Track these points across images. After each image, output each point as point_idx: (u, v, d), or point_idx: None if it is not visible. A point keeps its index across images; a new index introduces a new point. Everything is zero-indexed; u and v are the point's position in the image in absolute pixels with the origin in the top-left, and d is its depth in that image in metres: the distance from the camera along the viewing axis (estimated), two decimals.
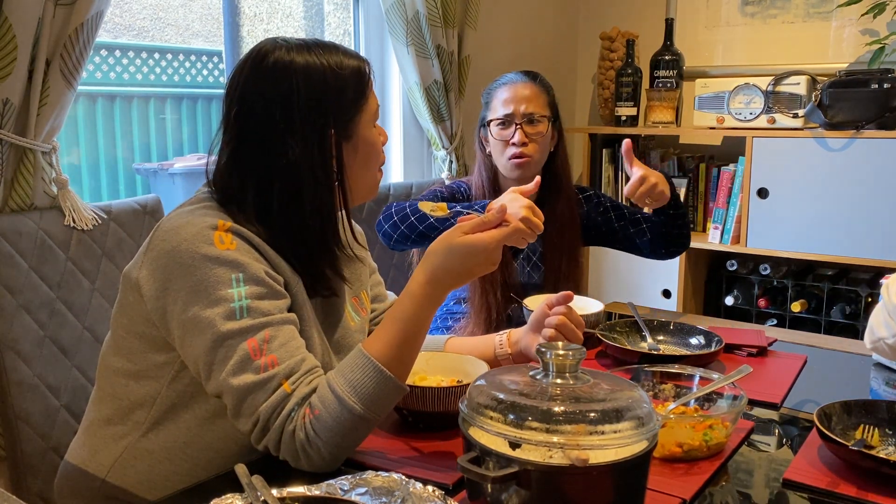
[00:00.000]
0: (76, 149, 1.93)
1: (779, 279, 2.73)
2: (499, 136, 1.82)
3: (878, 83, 2.36)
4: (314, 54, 1.09)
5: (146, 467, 1.11)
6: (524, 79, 1.85)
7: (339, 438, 0.96)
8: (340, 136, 1.11)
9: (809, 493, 0.96)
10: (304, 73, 1.08)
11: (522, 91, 1.82)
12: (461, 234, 1.03)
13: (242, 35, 2.16)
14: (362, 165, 1.15)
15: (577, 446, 0.79)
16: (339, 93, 1.10)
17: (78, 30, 1.42)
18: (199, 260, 1.00)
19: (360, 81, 1.13)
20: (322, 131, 1.09)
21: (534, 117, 1.81)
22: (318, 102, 1.08)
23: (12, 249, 1.36)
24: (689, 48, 3.01)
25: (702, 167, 2.89)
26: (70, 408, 1.43)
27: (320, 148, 1.09)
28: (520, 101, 1.81)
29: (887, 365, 1.46)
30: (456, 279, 1.03)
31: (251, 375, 0.98)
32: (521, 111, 1.80)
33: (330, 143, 1.09)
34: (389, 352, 1.00)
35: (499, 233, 1.03)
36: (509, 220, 1.05)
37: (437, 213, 1.18)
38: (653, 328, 1.55)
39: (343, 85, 1.10)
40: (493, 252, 1.03)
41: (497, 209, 1.05)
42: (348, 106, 1.11)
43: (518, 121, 1.80)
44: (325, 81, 1.09)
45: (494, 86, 1.88)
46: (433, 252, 1.03)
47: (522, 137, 1.79)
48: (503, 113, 1.81)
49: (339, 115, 1.10)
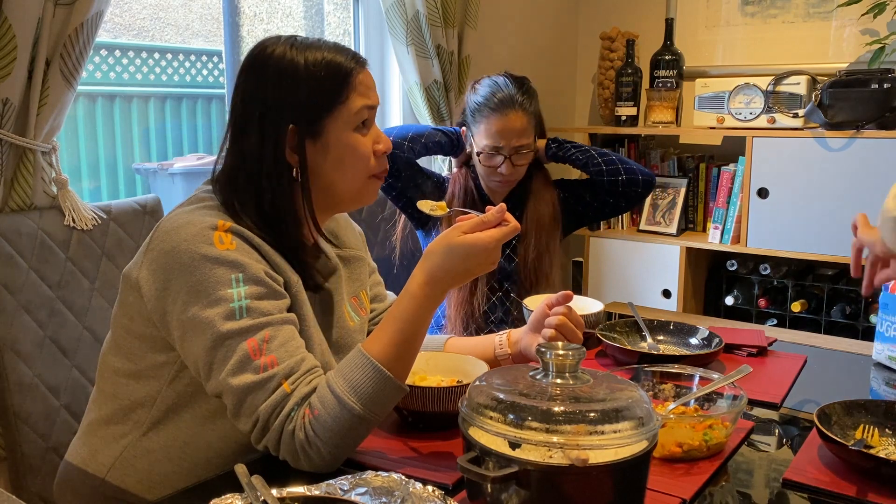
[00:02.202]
0: (76, 149, 1.93)
1: (779, 279, 2.73)
2: (486, 162, 1.83)
3: (878, 83, 2.36)
4: (298, 49, 1.09)
5: (146, 467, 1.11)
6: (515, 108, 1.79)
7: (338, 439, 0.96)
8: (304, 133, 1.09)
9: (809, 493, 0.96)
10: (277, 66, 1.08)
11: (514, 123, 1.78)
12: (460, 233, 1.02)
13: (242, 35, 2.16)
14: (335, 168, 1.12)
15: (576, 446, 0.79)
16: (308, 88, 1.08)
17: (78, 30, 1.42)
18: (198, 260, 1.00)
19: (337, 80, 1.09)
20: (278, 125, 1.08)
21: (522, 150, 1.81)
22: (281, 96, 1.08)
23: (12, 249, 1.36)
24: (689, 48, 3.01)
25: (702, 167, 2.89)
26: (70, 408, 1.43)
27: (275, 142, 1.08)
28: (510, 135, 1.79)
29: (887, 365, 1.46)
30: (456, 279, 1.03)
31: (251, 375, 0.98)
32: (511, 145, 1.80)
33: (286, 138, 1.08)
34: (389, 352, 1.00)
35: (498, 232, 1.03)
36: (508, 220, 1.05)
37: (436, 212, 1.18)
38: (653, 328, 1.55)
39: (313, 81, 1.08)
40: (493, 252, 1.03)
41: (497, 209, 1.05)
42: (317, 103, 1.09)
43: (506, 153, 1.80)
44: (294, 76, 1.08)
45: (483, 104, 1.81)
46: (432, 252, 1.03)
47: (510, 169, 1.81)
48: (492, 145, 1.80)
49: (302, 111, 1.08)
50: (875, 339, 1.48)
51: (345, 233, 1.31)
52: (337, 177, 1.13)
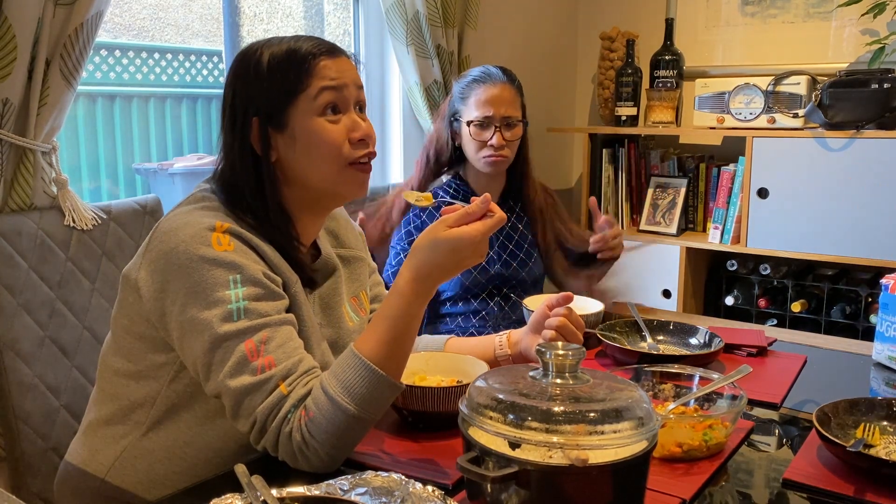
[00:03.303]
0: (76, 149, 1.93)
1: (779, 279, 2.73)
2: (476, 136, 1.84)
3: (878, 83, 2.36)
4: (268, 45, 1.09)
5: (146, 467, 1.11)
6: (503, 79, 1.85)
7: (334, 440, 0.96)
8: (268, 125, 1.08)
9: (809, 493, 0.96)
10: (245, 63, 1.09)
11: (502, 93, 1.83)
12: (445, 227, 1.00)
13: (242, 35, 2.16)
14: (304, 157, 1.09)
15: (576, 446, 0.79)
16: (268, 80, 1.07)
17: (78, 30, 1.42)
18: (196, 261, 1.00)
19: (295, 67, 1.07)
20: (244, 118, 1.08)
21: (511, 121, 1.84)
22: (245, 88, 1.09)
23: (12, 249, 1.36)
24: (689, 48, 3.00)
25: (702, 167, 2.89)
26: (70, 408, 1.43)
27: (241, 135, 1.09)
28: (499, 103, 1.82)
29: (887, 365, 1.46)
30: (444, 273, 1.01)
31: (248, 377, 0.98)
32: (500, 114, 1.82)
33: (252, 131, 1.08)
34: (381, 350, 0.99)
35: (483, 225, 1.00)
36: (493, 210, 1.02)
37: (421, 202, 1.15)
38: (652, 328, 1.55)
39: (273, 72, 1.07)
40: (481, 244, 1.00)
41: (481, 199, 1.02)
42: (277, 93, 1.08)
43: (497, 124, 1.82)
44: (257, 69, 1.08)
45: (471, 81, 1.87)
46: (419, 248, 1.01)
47: (501, 140, 1.82)
48: (482, 115, 1.83)
49: (264, 102, 1.08)
50: (875, 339, 1.48)
51: (345, 232, 1.31)
52: (307, 166, 1.10)
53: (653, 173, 2.98)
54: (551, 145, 3.20)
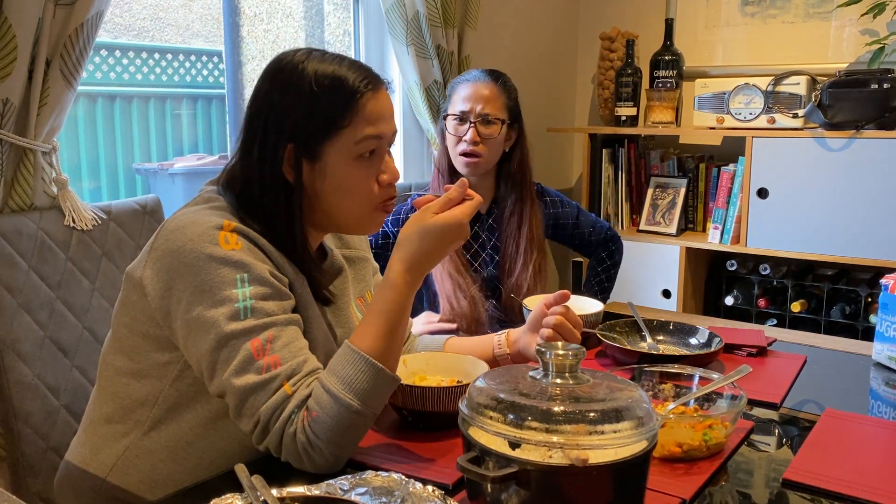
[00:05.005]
0: (76, 149, 1.93)
1: (779, 279, 2.73)
2: (453, 130, 1.87)
3: (878, 83, 2.36)
4: (313, 60, 1.08)
5: (149, 467, 1.11)
6: (486, 79, 1.88)
7: (339, 437, 0.96)
8: (302, 153, 1.07)
9: (809, 493, 0.96)
10: (287, 74, 1.07)
11: (482, 91, 1.86)
12: (432, 214, 1.03)
13: (242, 35, 2.16)
14: (333, 194, 1.09)
15: (576, 446, 0.79)
16: (309, 105, 1.06)
17: (78, 30, 1.42)
18: (203, 260, 1.00)
19: (340, 101, 1.06)
20: (277, 140, 1.07)
21: (489, 118, 1.85)
22: (284, 109, 1.07)
23: (12, 249, 1.36)
24: (689, 48, 3.01)
25: (702, 167, 2.89)
26: (70, 408, 1.43)
27: (272, 158, 1.07)
28: (477, 100, 1.85)
29: (887, 365, 1.46)
30: (433, 260, 1.04)
31: (253, 376, 0.98)
32: (476, 110, 1.84)
33: (285, 155, 1.07)
34: (379, 345, 1.00)
35: (467, 207, 1.05)
36: (470, 195, 1.07)
37: None
38: (652, 328, 1.55)
39: (316, 98, 1.06)
40: (465, 227, 1.05)
41: (458, 184, 1.06)
42: (318, 122, 1.06)
43: (473, 119, 1.84)
44: (299, 87, 1.06)
45: (458, 80, 1.92)
46: (406, 238, 1.03)
47: (474, 136, 1.84)
48: (460, 109, 1.86)
49: (299, 130, 1.06)
50: (875, 339, 1.48)
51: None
52: (333, 203, 1.11)
53: (652, 173, 2.98)
54: (551, 145, 3.20)
